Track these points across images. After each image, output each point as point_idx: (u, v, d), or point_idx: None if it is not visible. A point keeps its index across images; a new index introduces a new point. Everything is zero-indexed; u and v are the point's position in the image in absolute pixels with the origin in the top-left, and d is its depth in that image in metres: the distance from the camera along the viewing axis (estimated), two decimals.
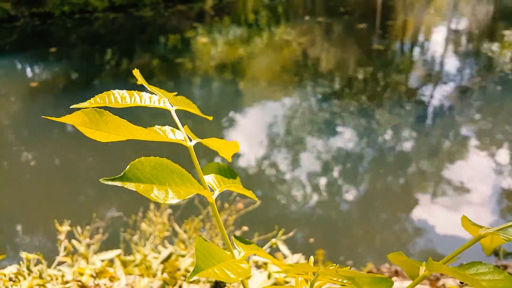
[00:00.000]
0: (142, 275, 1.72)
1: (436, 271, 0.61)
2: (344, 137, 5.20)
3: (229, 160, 0.82)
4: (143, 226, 2.31)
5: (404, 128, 5.30)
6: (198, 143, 0.69)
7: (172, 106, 0.69)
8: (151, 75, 7.18)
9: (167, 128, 0.66)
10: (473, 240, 0.66)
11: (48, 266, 1.83)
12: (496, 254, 2.67)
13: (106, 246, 2.37)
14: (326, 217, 3.84)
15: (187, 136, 0.67)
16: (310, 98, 6.27)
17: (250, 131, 5.43)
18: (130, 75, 7.17)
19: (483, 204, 3.76)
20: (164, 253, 1.79)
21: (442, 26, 10.27)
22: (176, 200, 0.56)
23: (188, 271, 1.59)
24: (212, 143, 0.74)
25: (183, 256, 1.75)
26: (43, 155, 4.56)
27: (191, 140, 0.67)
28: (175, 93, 0.77)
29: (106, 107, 0.67)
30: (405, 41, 9.03)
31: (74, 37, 8.71)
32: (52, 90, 6.28)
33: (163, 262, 1.68)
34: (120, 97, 0.69)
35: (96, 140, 0.66)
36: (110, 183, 0.51)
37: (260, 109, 6.05)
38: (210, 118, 0.77)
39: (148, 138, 0.65)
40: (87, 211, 3.38)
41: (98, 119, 0.62)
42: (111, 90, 0.70)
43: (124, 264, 1.88)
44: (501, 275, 0.55)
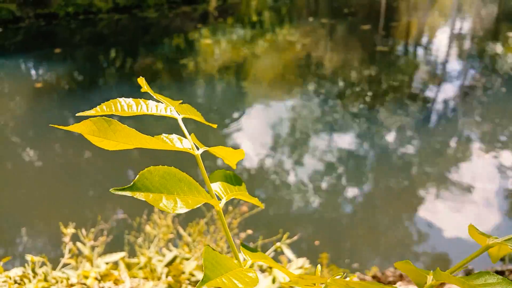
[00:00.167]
0: (146, 278, 1.72)
1: (443, 281, 0.61)
2: (347, 138, 5.19)
3: (234, 167, 0.82)
4: (148, 228, 2.31)
5: (407, 129, 5.29)
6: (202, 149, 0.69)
7: (179, 115, 0.69)
8: (155, 76, 7.20)
9: (174, 137, 0.67)
10: (480, 250, 0.66)
11: (53, 268, 1.83)
12: (501, 258, 2.66)
13: (110, 248, 2.37)
14: (330, 218, 3.83)
15: (194, 144, 0.67)
16: (313, 99, 6.27)
17: (253, 131, 5.44)
18: (134, 76, 7.18)
19: (488, 204, 3.74)
20: (169, 256, 1.80)
21: (446, 27, 10.24)
22: (184, 210, 0.56)
23: (193, 275, 1.59)
24: (219, 151, 0.74)
25: (187, 259, 1.75)
26: (48, 155, 4.58)
27: (198, 148, 0.67)
28: (181, 101, 0.77)
29: (112, 115, 0.67)
30: (409, 42, 9.01)
31: (79, 38, 8.74)
32: (57, 91, 6.31)
33: (167, 265, 1.69)
34: (126, 105, 0.69)
35: (103, 148, 0.66)
36: (120, 193, 0.52)
37: (263, 109, 6.05)
38: (215, 126, 0.77)
39: (155, 147, 0.65)
40: (91, 213, 3.39)
41: (106, 128, 0.62)
42: (118, 98, 0.71)
43: (129, 266, 1.88)
44: (510, 286, 0.55)
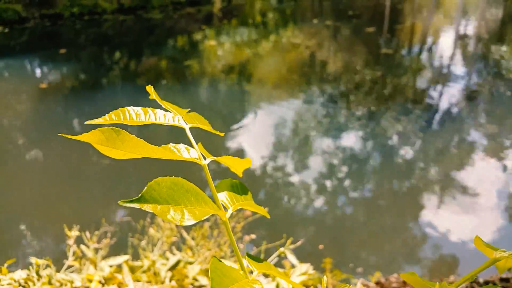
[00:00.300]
0: (150, 282, 1.72)
1: None
2: (351, 140, 5.19)
3: (240, 175, 0.82)
4: (151, 231, 2.32)
5: (411, 132, 5.27)
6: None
7: (186, 124, 0.70)
8: (159, 77, 7.21)
9: (182, 147, 0.67)
10: (487, 263, 0.66)
11: (57, 271, 1.84)
12: None
13: (114, 250, 2.38)
14: (333, 222, 3.83)
15: (201, 154, 0.67)
16: (318, 101, 6.27)
17: (256, 132, 5.44)
18: (138, 76, 7.20)
19: (492, 208, 3.72)
20: (172, 260, 1.80)
21: (451, 29, 10.22)
22: (192, 222, 0.56)
23: (196, 280, 1.59)
24: (226, 160, 0.74)
25: (191, 263, 1.75)
26: (52, 156, 4.59)
27: (205, 158, 0.67)
28: (188, 109, 0.77)
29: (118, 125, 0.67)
30: (413, 44, 8.99)
31: (83, 38, 8.77)
32: (62, 92, 6.33)
33: (171, 269, 1.69)
34: (135, 114, 0.69)
35: (111, 157, 0.66)
36: (128, 205, 0.52)
37: (267, 111, 6.06)
38: (222, 134, 0.77)
39: (162, 157, 0.65)
40: (94, 214, 3.40)
41: (114, 138, 0.62)
42: (126, 107, 0.71)
43: (132, 270, 1.88)
44: None
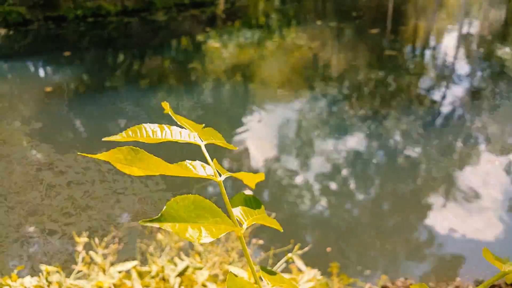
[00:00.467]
0: None
1: None
2: (355, 141, 5.20)
3: (252, 187, 0.84)
4: (159, 236, 2.33)
5: (414, 133, 5.29)
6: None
7: (202, 141, 0.71)
8: (163, 78, 7.24)
9: (198, 164, 0.68)
10: (496, 276, 0.67)
11: (66, 277, 1.86)
12: None
13: (122, 255, 2.40)
14: (338, 223, 3.84)
15: (217, 170, 0.69)
16: (321, 103, 6.30)
17: (260, 133, 5.47)
18: (142, 78, 7.23)
19: (495, 209, 3.73)
20: (181, 265, 1.81)
21: (454, 30, 10.20)
22: (209, 239, 0.57)
23: (205, 286, 1.60)
24: (240, 175, 0.76)
25: (199, 269, 1.77)
26: (59, 160, 4.62)
27: (220, 174, 0.69)
28: (203, 124, 0.79)
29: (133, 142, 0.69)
30: (417, 46, 8.98)
31: (87, 40, 8.82)
32: (67, 95, 6.38)
33: (179, 275, 1.70)
34: (151, 131, 0.71)
35: (127, 173, 0.68)
36: (149, 224, 0.53)
37: (270, 112, 6.08)
38: (235, 148, 0.79)
39: (179, 174, 0.66)
40: (103, 219, 3.43)
41: (133, 157, 0.64)
42: (142, 124, 0.72)
43: (141, 275, 1.90)
44: None
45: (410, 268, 3.20)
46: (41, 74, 7.41)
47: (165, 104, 0.79)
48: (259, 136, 5.43)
